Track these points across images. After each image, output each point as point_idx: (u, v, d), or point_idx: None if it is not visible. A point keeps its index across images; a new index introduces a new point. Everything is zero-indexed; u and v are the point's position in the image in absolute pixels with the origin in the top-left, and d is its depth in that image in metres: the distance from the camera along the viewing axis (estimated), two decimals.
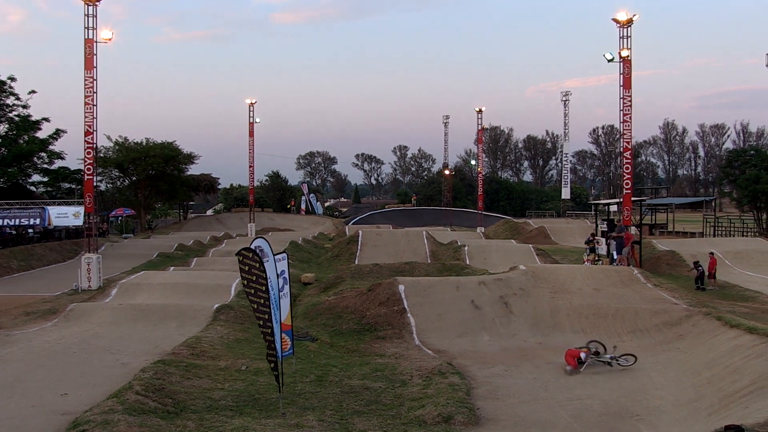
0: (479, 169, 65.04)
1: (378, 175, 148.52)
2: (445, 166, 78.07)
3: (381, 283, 19.29)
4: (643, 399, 11.44)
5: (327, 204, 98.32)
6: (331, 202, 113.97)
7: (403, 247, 35.47)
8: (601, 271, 22.28)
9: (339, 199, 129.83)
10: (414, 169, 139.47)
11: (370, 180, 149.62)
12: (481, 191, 59.65)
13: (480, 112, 57.35)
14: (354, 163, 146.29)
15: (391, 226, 52.85)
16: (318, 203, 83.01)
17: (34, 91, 45.56)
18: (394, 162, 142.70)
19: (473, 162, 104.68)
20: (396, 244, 36.27)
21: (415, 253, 34.02)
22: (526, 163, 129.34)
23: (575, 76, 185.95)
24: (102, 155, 52.02)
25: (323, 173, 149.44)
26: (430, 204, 79.61)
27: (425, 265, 28.24)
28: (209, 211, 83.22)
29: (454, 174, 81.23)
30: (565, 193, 75.05)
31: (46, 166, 47.31)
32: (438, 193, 79.64)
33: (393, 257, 31.70)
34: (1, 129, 45.10)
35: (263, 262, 9.93)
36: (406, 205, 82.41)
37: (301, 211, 77.82)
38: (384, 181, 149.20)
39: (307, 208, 78.76)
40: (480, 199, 59.24)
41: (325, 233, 53.76)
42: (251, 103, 53.11)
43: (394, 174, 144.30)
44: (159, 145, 57.27)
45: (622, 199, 27.70)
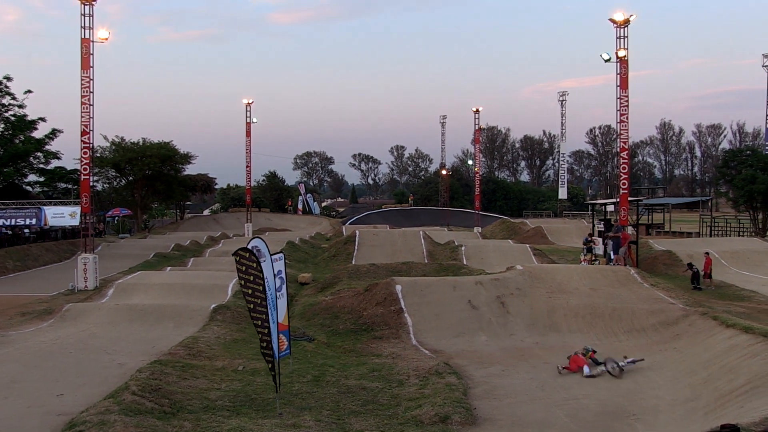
0: (476, 169, 65.17)
1: (375, 175, 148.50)
2: (442, 166, 78.10)
3: (378, 283, 19.30)
4: (640, 398, 11.45)
5: (324, 204, 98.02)
6: (328, 202, 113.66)
7: (400, 247, 35.43)
8: (598, 271, 22.30)
9: (336, 199, 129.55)
10: (411, 169, 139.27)
11: (367, 180, 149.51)
12: (478, 191, 59.61)
13: (477, 112, 57.31)
14: (351, 163, 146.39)
15: (388, 226, 52.74)
16: (315, 203, 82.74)
17: (30, 90, 45.63)
18: (391, 162, 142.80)
19: (470, 162, 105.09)
20: (393, 244, 36.23)
21: (412, 253, 34.00)
22: (523, 163, 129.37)
23: (572, 76, 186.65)
24: (98, 155, 51.95)
25: (320, 173, 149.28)
26: (427, 204, 79.52)
27: (422, 265, 28.25)
28: (206, 211, 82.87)
29: (451, 174, 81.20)
30: (562, 193, 75.27)
31: (42, 166, 47.26)
32: (435, 193, 79.65)
33: (390, 257, 31.68)
34: None
35: (260, 262, 9.92)
36: (403, 205, 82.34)
37: (298, 211, 77.64)
38: (381, 181, 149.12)
39: (304, 208, 78.58)
40: (477, 199, 59.21)
41: (322, 233, 53.61)
42: (248, 102, 53.09)
43: (391, 174, 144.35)
44: (156, 145, 57.07)
45: (618, 199, 27.74)
